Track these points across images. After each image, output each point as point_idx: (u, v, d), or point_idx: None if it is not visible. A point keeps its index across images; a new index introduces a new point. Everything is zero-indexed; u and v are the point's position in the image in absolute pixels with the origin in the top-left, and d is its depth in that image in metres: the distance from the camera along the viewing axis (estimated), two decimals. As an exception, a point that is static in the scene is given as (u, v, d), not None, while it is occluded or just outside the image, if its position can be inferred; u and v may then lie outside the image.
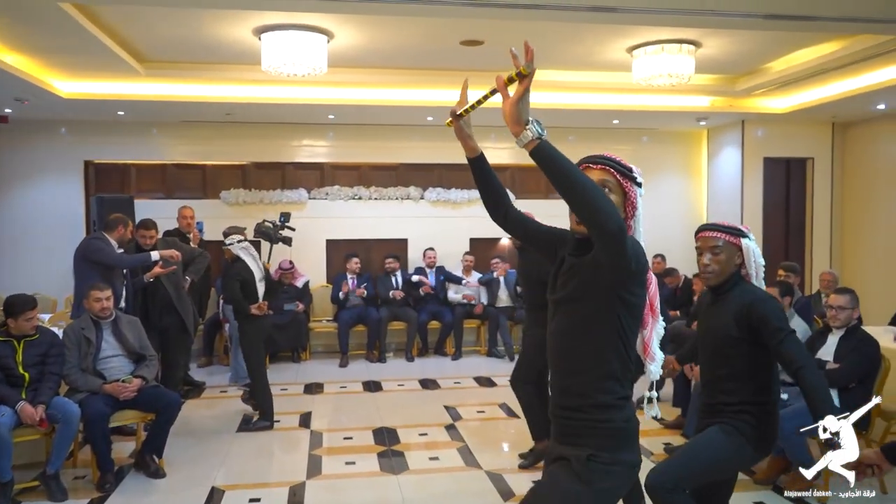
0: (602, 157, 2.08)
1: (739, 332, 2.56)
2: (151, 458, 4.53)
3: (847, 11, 4.77)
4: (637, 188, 2.03)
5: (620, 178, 2.03)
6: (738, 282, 2.64)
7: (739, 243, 2.64)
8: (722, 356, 2.63)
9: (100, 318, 4.58)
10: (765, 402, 2.59)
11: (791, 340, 2.48)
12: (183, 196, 8.40)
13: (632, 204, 2.02)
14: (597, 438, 1.94)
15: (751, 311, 2.53)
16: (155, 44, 5.99)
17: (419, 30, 5.59)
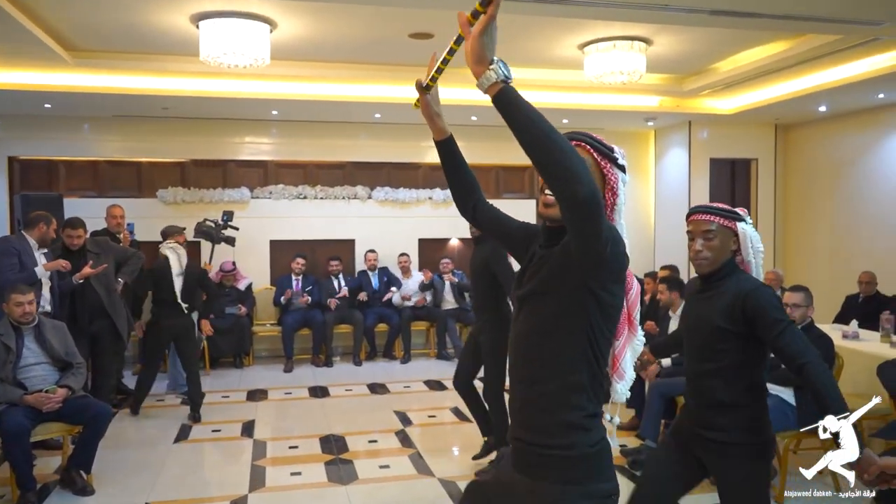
0: (579, 133, 1.79)
1: (732, 325, 2.34)
2: (78, 473, 4.19)
3: (790, 9, 4.78)
4: (619, 172, 1.76)
5: (600, 158, 1.75)
6: (734, 270, 2.42)
7: (735, 227, 2.40)
8: (711, 350, 2.41)
9: (21, 323, 4.23)
10: (758, 401, 2.40)
11: (791, 332, 2.25)
12: (116, 195, 7.97)
13: (612, 190, 1.76)
14: (562, 470, 1.68)
15: (745, 302, 2.30)
16: (84, 31, 5.62)
17: (367, 21, 5.39)
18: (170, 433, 5.36)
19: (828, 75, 6.63)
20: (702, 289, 2.49)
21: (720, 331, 2.36)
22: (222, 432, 5.43)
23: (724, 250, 2.40)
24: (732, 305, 2.34)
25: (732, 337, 2.35)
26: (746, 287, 2.34)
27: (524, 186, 9.52)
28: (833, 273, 8.25)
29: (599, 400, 1.73)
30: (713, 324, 2.38)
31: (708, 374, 2.42)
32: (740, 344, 2.35)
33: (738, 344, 2.35)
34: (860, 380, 4.77)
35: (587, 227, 1.53)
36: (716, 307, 2.38)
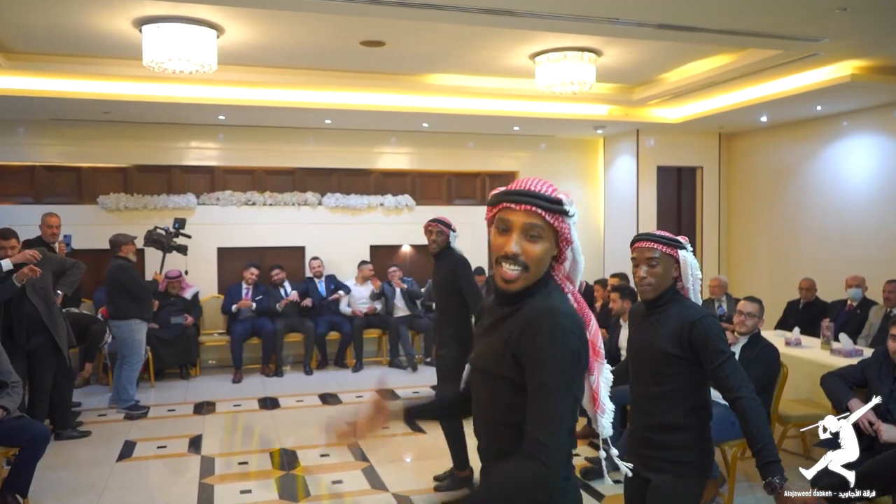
0: (525, 193, 1.64)
1: (678, 351, 2.41)
2: (14, 497, 4.00)
3: (733, 25, 4.91)
4: (569, 220, 1.67)
5: (550, 217, 1.63)
6: (675, 296, 2.49)
7: (676, 255, 2.47)
8: (656, 374, 2.46)
9: (-49, 341, 4.02)
10: (698, 425, 2.45)
11: (730, 365, 2.34)
12: (54, 201, 7.69)
13: (565, 240, 1.68)
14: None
15: (692, 330, 2.38)
16: (20, 33, 5.40)
17: (317, 28, 5.31)
18: (112, 451, 5.18)
19: (769, 87, 6.82)
20: (646, 313, 2.55)
21: (666, 355, 2.43)
22: (168, 448, 5.27)
23: (666, 276, 2.47)
24: (679, 332, 2.40)
25: (678, 361, 2.42)
26: (693, 315, 2.41)
27: (475, 192, 9.54)
28: (774, 279, 8.50)
29: (569, 460, 1.63)
30: (659, 348, 2.44)
31: (655, 397, 2.47)
32: (685, 368, 2.42)
33: (683, 368, 2.42)
34: (802, 386, 4.92)
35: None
36: (661, 333, 2.45)
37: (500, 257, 1.62)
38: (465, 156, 9.28)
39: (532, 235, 1.62)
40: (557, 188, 1.68)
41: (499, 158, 9.43)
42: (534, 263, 1.62)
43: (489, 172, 9.53)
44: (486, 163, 9.40)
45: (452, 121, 8.02)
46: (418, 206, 8.89)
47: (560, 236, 1.66)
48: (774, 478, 2.20)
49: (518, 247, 1.61)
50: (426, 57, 6.15)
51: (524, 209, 1.61)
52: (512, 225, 1.63)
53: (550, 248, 1.66)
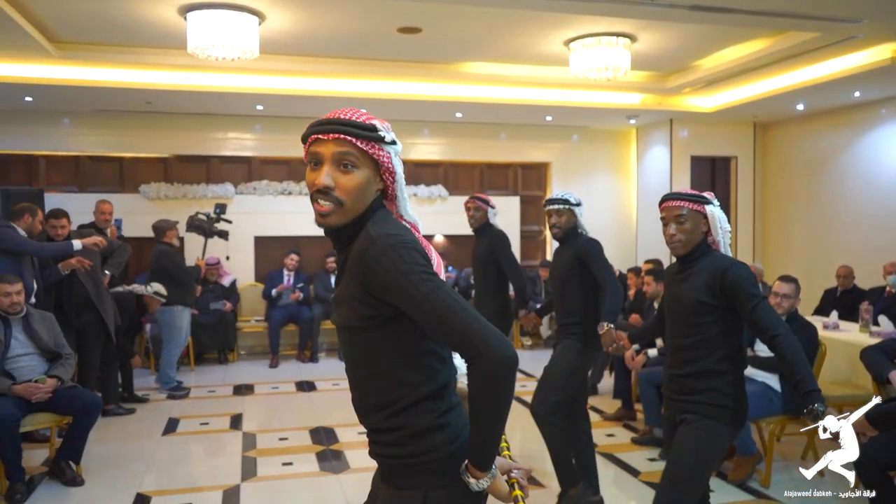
0: (333, 121, 1.51)
1: (712, 299, 2.47)
2: (67, 464, 4.16)
3: (769, 6, 4.90)
4: (389, 147, 1.54)
5: (364, 144, 1.50)
6: (706, 250, 2.56)
7: (704, 210, 2.54)
8: (691, 325, 2.53)
9: (9, 313, 4.19)
10: (732, 371, 2.51)
11: (763, 307, 2.39)
12: (98, 190, 7.91)
13: (387, 170, 1.55)
14: (424, 477, 1.54)
15: (724, 277, 2.44)
16: (69, 22, 5.57)
17: (355, 15, 5.40)
18: (157, 427, 5.34)
19: (806, 73, 6.77)
20: (679, 270, 2.63)
21: (700, 305, 2.49)
22: (210, 425, 5.41)
23: (695, 232, 2.54)
24: (711, 281, 2.47)
25: (712, 310, 2.48)
26: (724, 264, 2.48)
27: (507, 183, 9.59)
28: (810, 269, 8.40)
29: (450, 390, 1.59)
30: (694, 299, 2.51)
31: (690, 346, 2.54)
32: (719, 316, 2.49)
33: (717, 317, 2.49)
34: (840, 368, 4.89)
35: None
36: (695, 285, 2.51)
37: (313, 193, 1.51)
38: (498, 147, 9.33)
39: (345, 165, 1.50)
40: (374, 116, 1.56)
41: (531, 149, 9.47)
42: (348, 196, 1.50)
43: (521, 163, 9.58)
44: (519, 154, 9.44)
45: (485, 110, 8.08)
46: (451, 197, 8.96)
47: (381, 167, 1.54)
48: (815, 405, 2.23)
49: (330, 178, 1.49)
50: (461, 44, 6.22)
51: (333, 138, 1.49)
52: (323, 157, 1.50)
53: (370, 179, 1.53)
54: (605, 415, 5.58)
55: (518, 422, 4.46)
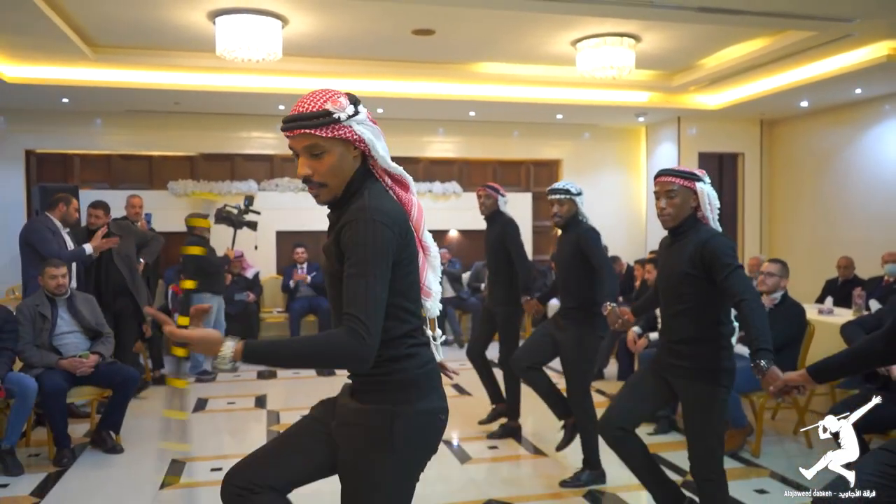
0: (290, 119, 1.73)
1: (694, 270, 2.68)
2: (108, 434, 4.52)
3: (768, 7, 5.17)
4: (349, 121, 1.73)
5: (324, 131, 1.71)
6: (695, 224, 2.76)
7: (694, 187, 2.74)
8: (678, 294, 2.76)
9: (55, 295, 4.56)
10: (718, 336, 2.74)
11: (737, 275, 2.59)
12: (128, 186, 8.30)
13: (360, 141, 1.76)
14: (390, 392, 1.78)
15: (704, 249, 2.65)
16: (106, 27, 5.96)
17: (372, 18, 5.73)
18: (187, 405, 5.70)
19: (807, 71, 7.01)
20: (670, 242, 2.87)
21: (686, 276, 2.73)
22: (236, 404, 5.77)
23: (684, 207, 2.76)
24: (694, 252, 2.69)
25: (696, 280, 2.71)
26: (705, 236, 2.71)
27: (520, 180, 9.89)
28: (815, 259, 8.61)
29: (420, 330, 1.85)
30: (681, 270, 2.74)
31: (678, 314, 2.79)
32: (703, 286, 2.71)
33: (702, 286, 2.71)
34: (831, 349, 5.05)
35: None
36: (682, 256, 2.74)
37: (302, 181, 1.79)
38: (510, 144, 9.64)
39: (314, 154, 1.73)
40: (334, 95, 1.72)
41: (543, 147, 9.76)
42: (326, 177, 1.74)
43: (533, 161, 9.87)
44: (531, 151, 9.74)
45: (498, 109, 8.39)
46: (465, 193, 9.27)
47: (348, 140, 1.73)
48: (762, 361, 2.44)
49: (306, 168, 1.74)
50: (473, 45, 6.53)
51: (297, 134, 1.71)
52: (297, 150, 1.75)
53: (343, 154, 1.74)
54: (609, 395, 5.86)
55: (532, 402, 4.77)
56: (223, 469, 4.15)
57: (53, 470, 4.18)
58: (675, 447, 4.47)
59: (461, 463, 4.33)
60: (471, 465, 4.32)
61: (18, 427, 4.17)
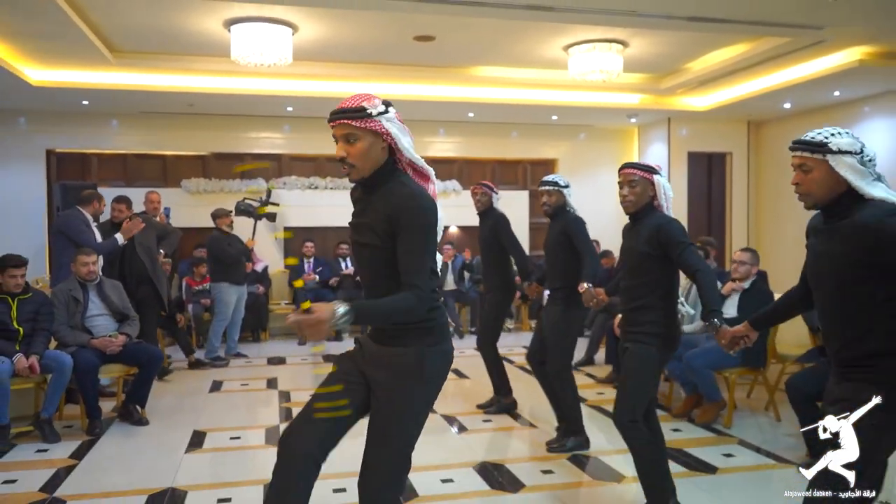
0: (334, 112, 2.17)
1: (651, 249, 3.10)
2: (135, 408, 4.93)
3: (747, 15, 5.57)
4: (379, 117, 2.14)
5: (359, 122, 2.13)
6: (651, 210, 3.18)
7: (652, 179, 3.16)
8: (637, 269, 3.18)
9: (86, 280, 4.98)
10: (667, 306, 3.15)
11: (690, 251, 3.03)
12: (143, 184, 8.69)
13: (387, 134, 2.17)
14: (422, 337, 2.20)
15: (659, 231, 3.07)
16: (127, 33, 6.37)
17: (376, 25, 6.14)
18: (203, 386, 6.11)
19: (787, 74, 7.41)
20: (631, 226, 3.30)
21: (642, 254, 3.15)
22: (250, 385, 6.18)
23: (643, 196, 3.19)
24: (651, 235, 3.12)
25: (651, 258, 3.13)
26: (662, 221, 3.14)
27: (517, 179, 10.30)
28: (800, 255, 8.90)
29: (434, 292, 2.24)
30: (639, 250, 3.17)
31: (635, 286, 3.21)
32: (657, 263, 3.13)
33: (656, 264, 3.13)
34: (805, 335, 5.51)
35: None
36: (640, 238, 3.17)
37: (339, 161, 2.21)
38: (509, 145, 10.05)
39: (349, 140, 2.15)
40: (370, 97, 2.15)
41: (540, 147, 10.17)
42: (357, 160, 2.16)
43: (530, 160, 10.28)
44: (528, 151, 10.15)
45: (495, 110, 8.80)
46: (465, 191, 9.65)
47: (378, 132, 2.14)
48: (714, 320, 2.85)
49: (343, 151, 2.17)
50: (470, 50, 6.95)
51: (338, 124, 2.15)
52: (336, 137, 2.18)
53: (373, 143, 2.15)
54: (597, 378, 6.27)
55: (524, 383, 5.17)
56: (241, 438, 4.62)
57: (86, 438, 4.59)
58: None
59: (458, 433, 4.74)
60: (467, 435, 4.73)
61: (55, 399, 4.59)
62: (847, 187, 2.17)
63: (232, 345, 7.37)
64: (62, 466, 4.08)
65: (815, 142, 2.20)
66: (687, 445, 4.40)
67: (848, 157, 2.15)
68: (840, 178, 2.16)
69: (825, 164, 2.18)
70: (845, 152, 2.16)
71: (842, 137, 2.18)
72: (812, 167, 2.21)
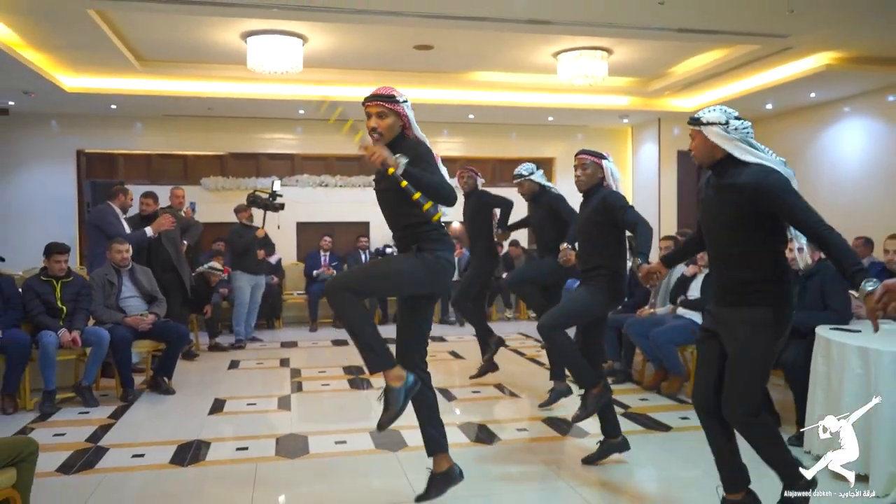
0: (370, 96, 2.88)
1: (600, 217, 3.71)
2: (163, 379, 5.57)
3: (717, 25, 6.11)
4: (402, 104, 2.88)
5: (387, 104, 2.86)
6: (599, 189, 3.78)
7: (601, 163, 3.77)
8: (589, 235, 3.80)
9: (120, 266, 5.62)
10: (615, 265, 3.74)
11: (630, 211, 3.65)
12: (166, 182, 9.34)
13: (404, 115, 2.89)
14: (426, 242, 2.90)
15: (604, 202, 3.69)
16: (153, 44, 7.02)
17: (379, 36, 6.74)
18: (223, 365, 6.74)
19: (765, 77, 7.92)
20: (584, 203, 3.89)
21: (595, 222, 3.75)
22: (264, 364, 6.80)
23: (594, 176, 3.80)
24: (598, 205, 3.73)
25: (599, 224, 3.73)
26: (605, 193, 3.75)
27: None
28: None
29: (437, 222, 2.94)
30: (591, 218, 3.77)
31: (589, 246, 3.82)
32: (605, 228, 3.73)
33: (604, 228, 3.73)
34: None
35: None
36: (591, 208, 3.78)
37: (369, 131, 2.89)
38: (509, 144, 10.63)
39: (380, 114, 2.88)
40: (396, 90, 2.91)
41: (539, 146, 10.74)
42: (385, 130, 2.87)
43: (530, 159, 10.80)
44: (527, 150, 10.70)
45: (493, 112, 9.37)
46: (466, 188, 10.24)
47: (399, 114, 2.88)
48: (639, 260, 3.44)
49: (374, 122, 2.88)
50: (466, 57, 7.53)
51: (372, 104, 2.88)
52: (371, 113, 2.89)
53: (396, 121, 2.89)
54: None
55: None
56: (256, 404, 5.22)
57: (121, 404, 5.22)
58: (628, 392, 5.44)
59: (448, 401, 5.33)
60: (455, 403, 5.31)
61: (94, 369, 5.23)
62: (725, 152, 2.73)
63: (248, 329, 7.98)
64: (102, 424, 4.72)
65: (693, 117, 2.81)
66: (651, 411, 4.96)
67: (715, 127, 2.72)
68: (714, 144, 2.73)
69: (700, 134, 2.77)
70: (713, 123, 2.73)
71: (711, 112, 2.77)
72: (694, 136, 2.81)
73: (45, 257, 5.31)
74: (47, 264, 5.28)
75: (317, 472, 3.86)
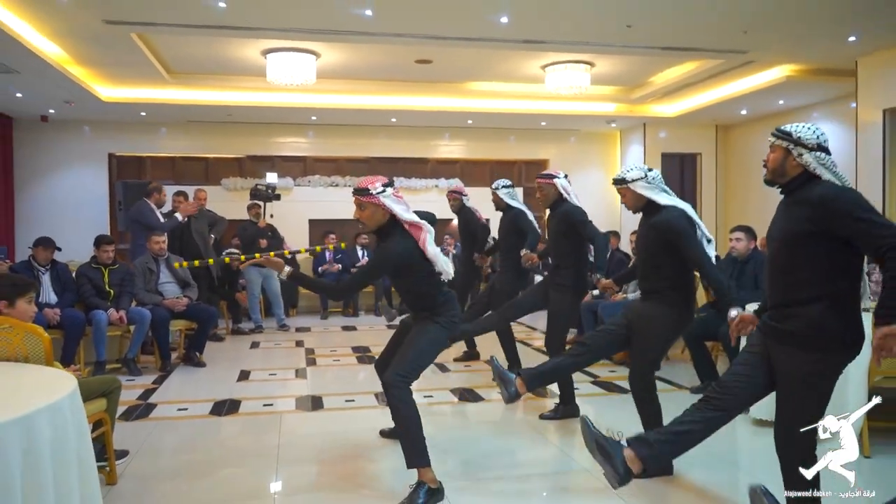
0: (354, 189, 3.26)
1: (563, 229, 4.48)
2: (195, 353, 6.40)
3: (688, 43, 6.89)
4: (377, 195, 3.16)
5: (363, 197, 3.19)
6: (561, 203, 4.55)
7: (553, 182, 4.53)
8: (557, 244, 4.57)
9: (158, 255, 6.45)
10: (577, 265, 4.49)
11: (589, 227, 4.42)
12: (189, 183, 10.16)
13: (383, 206, 3.18)
14: (436, 308, 3.34)
15: (567, 216, 4.46)
16: (183, 59, 7.86)
17: (383, 52, 7.54)
18: (244, 346, 7.57)
19: (736, 86, 8.67)
20: (551, 214, 4.64)
21: (560, 234, 4.54)
22: (282, 345, 7.63)
23: (550, 195, 4.58)
24: (562, 219, 4.51)
25: (564, 235, 4.52)
26: (568, 208, 4.52)
27: (513, 177, 11.62)
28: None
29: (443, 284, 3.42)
30: (557, 230, 4.55)
31: (557, 254, 4.60)
32: (570, 238, 4.50)
33: (569, 238, 4.50)
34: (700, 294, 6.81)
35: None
36: (556, 221, 4.55)
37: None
38: (506, 147, 11.43)
39: (359, 205, 3.21)
40: (374, 181, 3.17)
41: (534, 149, 11.53)
42: (364, 220, 3.23)
43: (525, 160, 11.63)
44: (523, 153, 11.51)
45: (490, 118, 10.17)
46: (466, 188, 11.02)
47: (376, 204, 3.16)
48: (598, 275, 4.27)
49: (356, 213, 3.24)
50: (462, 69, 8.34)
51: (354, 197, 3.22)
52: (355, 205, 3.23)
53: (374, 211, 3.18)
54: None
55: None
56: (277, 375, 6.04)
57: (160, 374, 6.06)
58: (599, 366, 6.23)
59: (442, 373, 6.13)
60: (447, 374, 6.12)
61: (137, 343, 6.07)
62: (646, 201, 3.48)
63: (280, 318, 8.74)
64: (147, 388, 5.55)
65: (617, 178, 3.56)
66: (616, 380, 5.75)
67: (638, 182, 3.49)
68: (641, 196, 3.49)
69: (630, 191, 3.51)
70: (635, 180, 3.49)
71: (632, 172, 3.50)
72: (624, 193, 3.54)
73: (94, 247, 6.15)
74: (97, 253, 6.12)
75: (331, 420, 4.69)
